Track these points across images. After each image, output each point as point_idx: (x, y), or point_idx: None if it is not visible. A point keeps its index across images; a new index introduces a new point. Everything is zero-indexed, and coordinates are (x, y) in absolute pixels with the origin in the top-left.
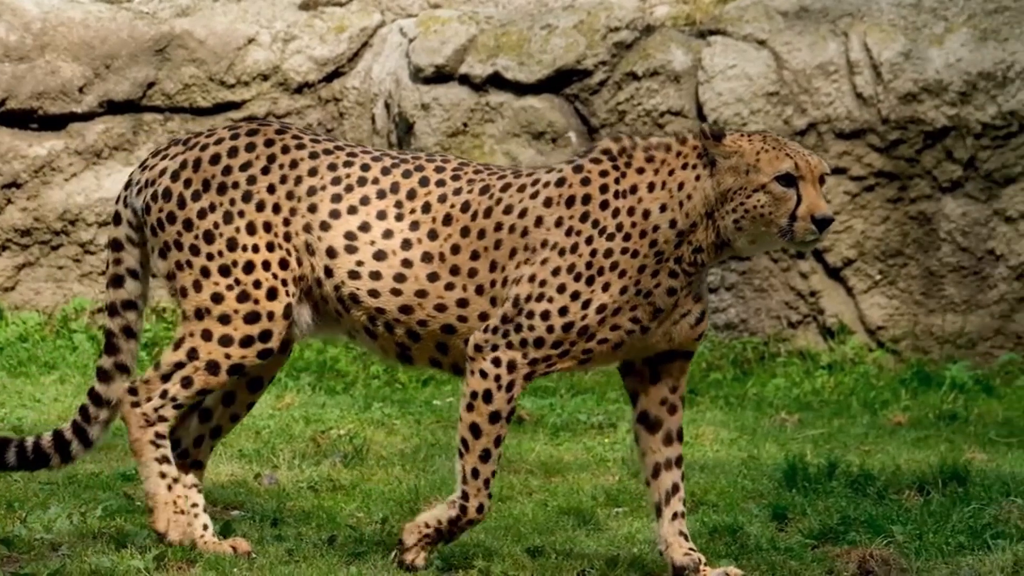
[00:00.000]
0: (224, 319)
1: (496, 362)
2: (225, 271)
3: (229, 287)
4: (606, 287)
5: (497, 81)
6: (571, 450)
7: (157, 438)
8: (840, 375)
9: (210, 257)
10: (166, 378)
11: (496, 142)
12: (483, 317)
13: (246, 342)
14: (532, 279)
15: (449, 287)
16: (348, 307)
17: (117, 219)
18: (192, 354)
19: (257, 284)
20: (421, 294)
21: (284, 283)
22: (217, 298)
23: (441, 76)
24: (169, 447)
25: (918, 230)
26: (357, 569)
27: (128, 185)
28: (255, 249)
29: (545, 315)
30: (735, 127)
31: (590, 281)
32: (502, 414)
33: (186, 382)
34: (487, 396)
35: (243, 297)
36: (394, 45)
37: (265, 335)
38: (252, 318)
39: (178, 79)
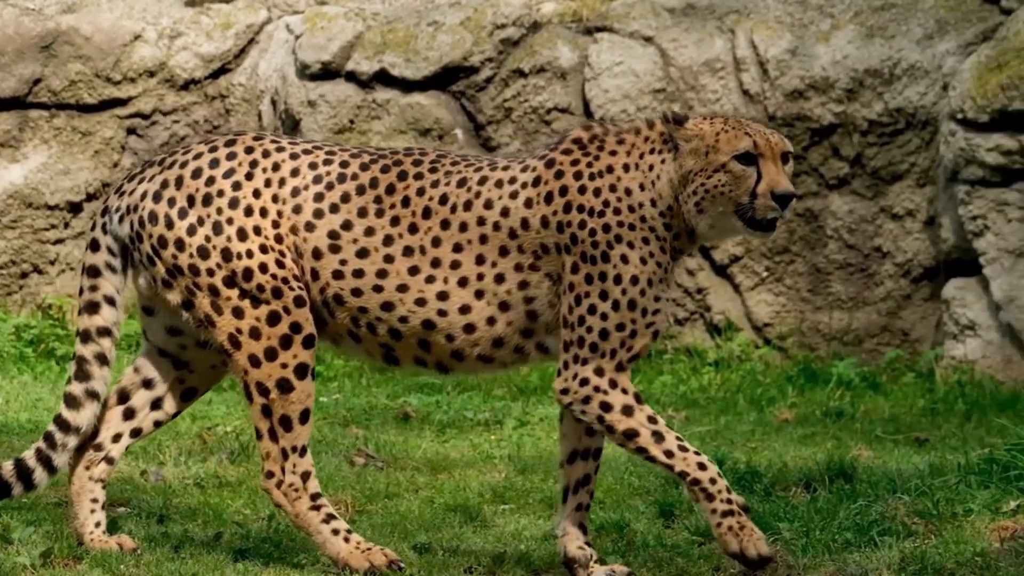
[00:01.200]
0: (255, 333)
1: (584, 383)
2: (230, 282)
3: (241, 296)
4: (624, 259)
5: (384, 78)
6: (457, 447)
7: (314, 500)
8: (727, 372)
9: (211, 272)
10: (272, 436)
11: (383, 139)
12: (464, 311)
13: (285, 342)
14: (566, 291)
15: (430, 280)
16: (333, 310)
17: (95, 246)
18: (262, 390)
19: (260, 288)
20: (402, 288)
21: (285, 280)
22: (239, 313)
23: (327, 73)
24: (328, 504)
25: (805, 227)
26: (244, 566)
27: (105, 212)
28: (249, 255)
29: (592, 310)
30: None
31: (606, 258)
32: (629, 404)
33: (286, 423)
34: (605, 407)
35: (256, 303)
36: (280, 42)
37: (295, 327)
38: (274, 318)
39: (64, 76)
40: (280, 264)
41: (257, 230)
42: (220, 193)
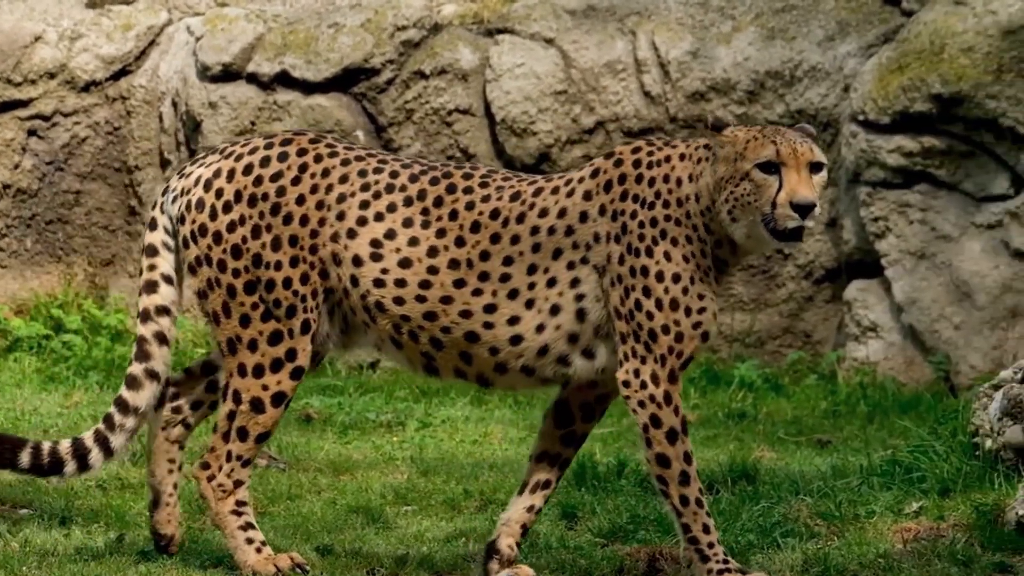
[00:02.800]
0: (252, 345)
1: (643, 385)
2: (250, 288)
3: (255, 306)
4: (667, 256)
5: (285, 80)
6: (360, 449)
7: (238, 506)
8: None
9: (236, 273)
10: (226, 437)
11: None
12: (512, 322)
13: (276, 366)
14: (613, 283)
15: (477, 293)
16: (375, 317)
17: (153, 224)
18: (236, 398)
19: (277, 303)
20: (446, 300)
21: (303, 299)
22: (245, 321)
23: (228, 75)
24: (251, 514)
25: None
26: (146, 568)
27: (165, 191)
28: (277, 266)
29: (638, 306)
30: (523, 125)
31: (649, 253)
32: (676, 430)
33: (242, 434)
34: (656, 421)
35: (266, 316)
36: (181, 43)
37: (291, 354)
38: (275, 338)
39: None
40: (305, 279)
41: (293, 240)
42: (264, 196)
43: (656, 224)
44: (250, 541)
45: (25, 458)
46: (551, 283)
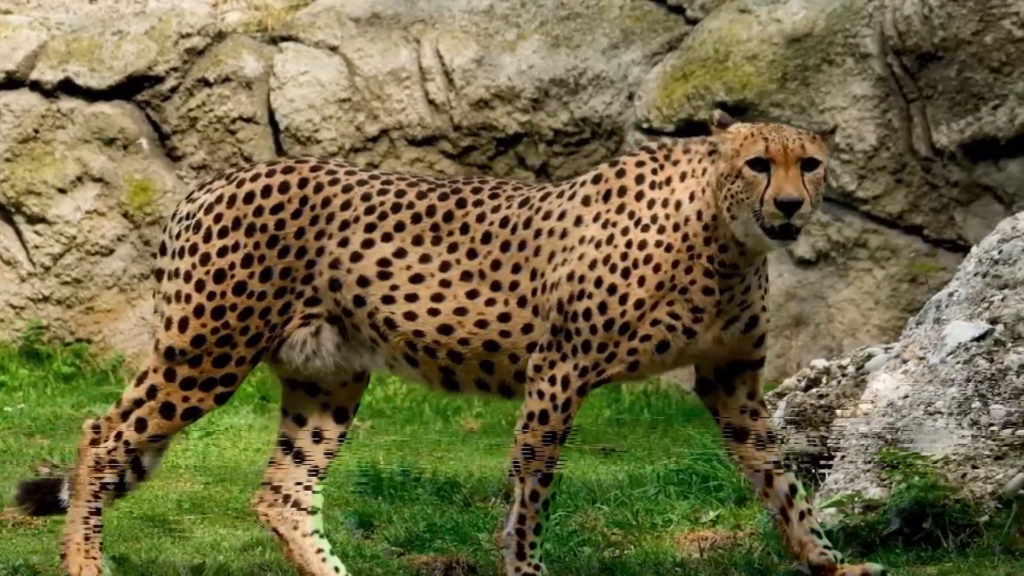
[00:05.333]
0: (195, 361)
1: (552, 380)
2: (218, 313)
3: (214, 330)
4: (641, 281)
5: (68, 87)
6: None
7: (101, 488)
8: (412, 382)
9: (211, 296)
10: (124, 416)
11: (67, 148)
12: (527, 330)
13: (207, 385)
14: (571, 277)
15: (490, 303)
16: (385, 334)
17: (163, 250)
18: (151, 392)
19: (245, 330)
20: (460, 312)
21: (272, 328)
22: (198, 341)
23: (12, 82)
24: (109, 503)
25: None
26: None
27: (175, 216)
28: (261, 296)
29: (587, 314)
30: (307, 133)
31: (626, 274)
32: (556, 434)
33: (140, 425)
34: (543, 417)
35: (224, 341)
36: None
37: (228, 378)
38: (222, 361)
39: None
40: (285, 309)
41: (286, 272)
42: (263, 228)
43: (644, 247)
44: (86, 521)
45: (66, 495)
46: (544, 288)
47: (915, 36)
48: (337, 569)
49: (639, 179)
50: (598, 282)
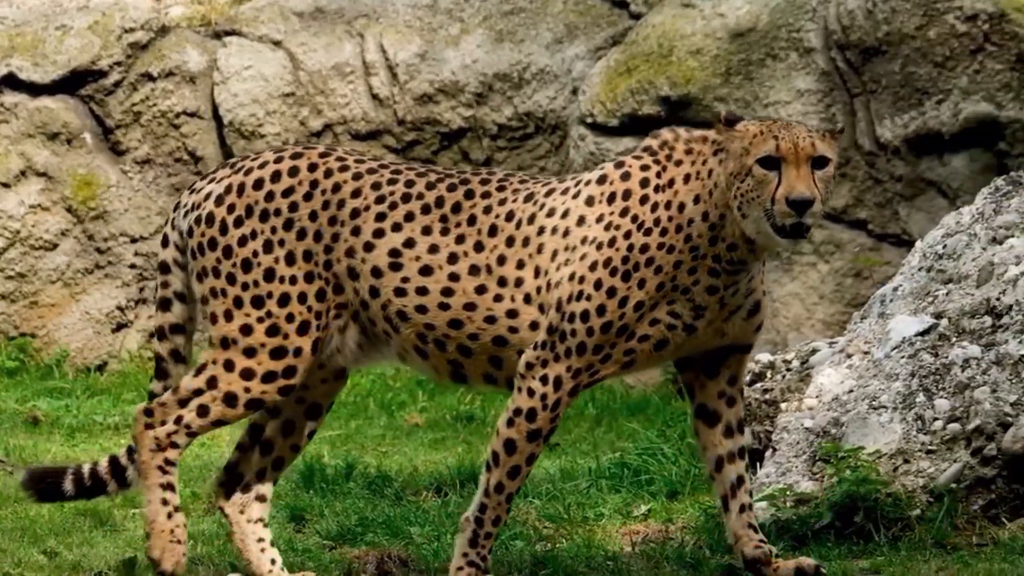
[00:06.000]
0: (249, 352)
1: (544, 380)
2: (258, 302)
3: (260, 319)
4: (642, 284)
5: (11, 82)
6: (87, 451)
7: (166, 464)
8: (357, 376)
9: (245, 287)
10: (183, 403)
11: (11, 143)
12: (534, 327)
13: (268, 377)
14: (572, 278)
15: (498, 299)
16: (397, 326)
17: (165, 241)
18: (212, 383)
19: (290, 318)
20: (470, 307)
21: (318, 316)
22: (246, 330)
23: None
24: (176, 475)
25: None
26: None
27: (176, 207)
28: (292, 280)
29: (584, 316)
30: (251, 128)
31: (626, 277)
32: (542, 432)
33: (202, 411)
34: (531, 415)
35: (273, 331)
36: None
37: (289, 371)
38: (279, 353)
39: None
40: (321, 295)
41: (307, 255)
42: (277, 212)
43: (646, 251)
44: (165, 503)
45: (69, 485)
46: (548, 286)
47: (859, 31)
48: (273, 561)
49: (644, 183)
50: (598, 284)
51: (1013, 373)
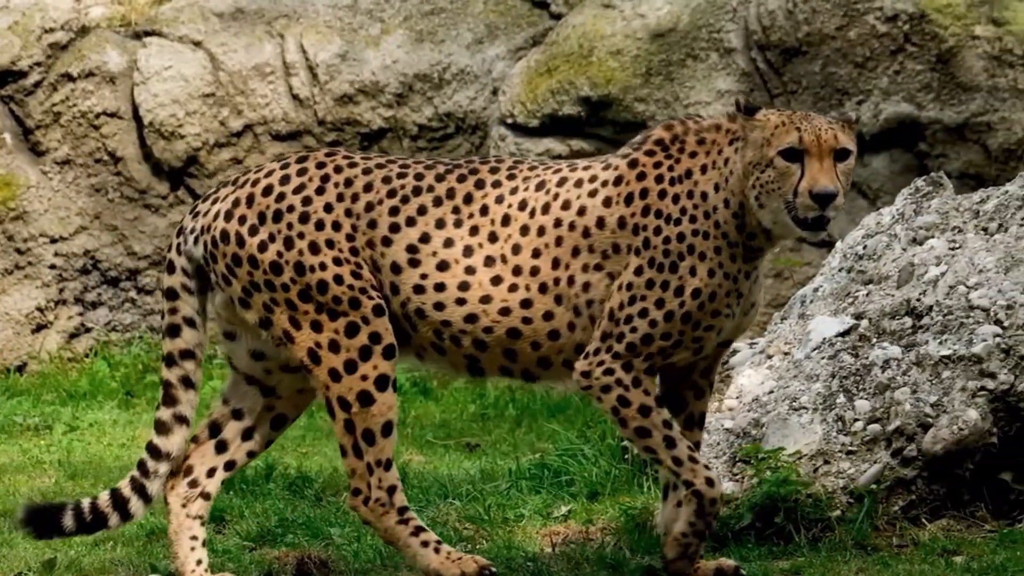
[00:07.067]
0: (334, 346)
1: (609, 372)
2: (306, 296)
3: (319, 309)
4: (693, 271)
5: None
6: (7, 453)
7: (400, 515)
8: None
9: (286, 287)
10: (357, 451)
11: None
12: (547, 317)
13: (365, 354)
14: (621, 287)
15: (512, 288)
16: (415, 324)
17: (171, 268)
18: (343, 404)
19: (337, 300)
20: (485, 300)
21: (362, 291)
22: (317, 327)
23: None
24: (416, 517)
25: None
26: None
27: (180, 232)
28: (322, 267)
29: (643, 314)
30: (171, 128)
31: (674, 268)
32: (648, 404)
33: (368, 437)
34: (623, 402)
35: (334, 315)
36: None
37: (374, 337)
38: (352, 330)
39: None
40: (356, 275)
41: (330, 243)
42: (290, 209)
43: (683, 239)
44: (426, 544)
45: (69, 521)
46: (570, 281)
47: (779, 31)
48: (199, 562)
49: (659, 179)
50: (649, 283)
51: (933, 374)
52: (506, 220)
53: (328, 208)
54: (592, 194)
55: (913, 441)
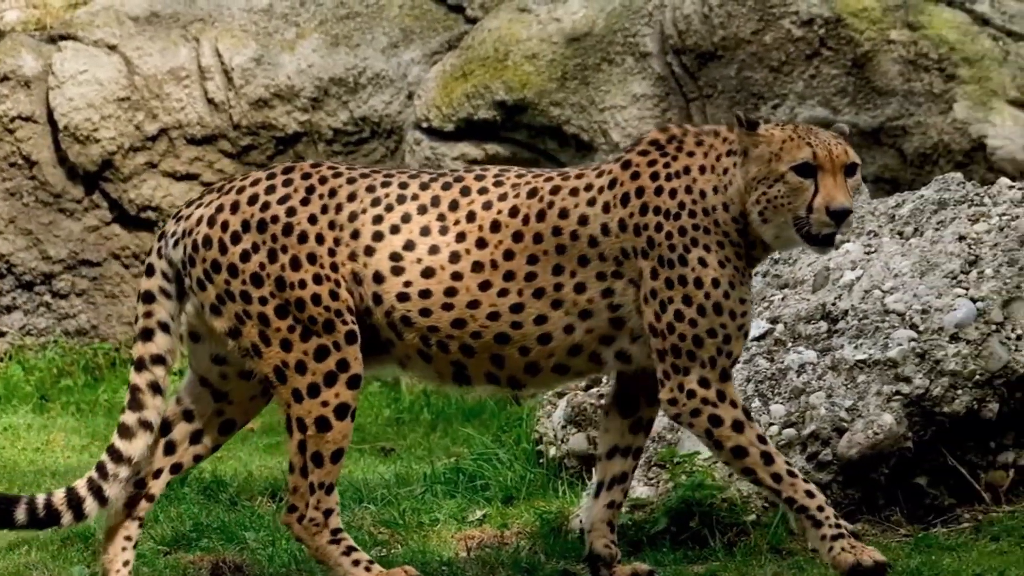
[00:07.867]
0: (300, 367)
1: (691, 395)
2: (282, 312)
3: (291, 328)
4: (703, 262)
5: None
6: None
7: (334, 535)
8: None
9: (263, 301)
10: (303, 472)
11: None
12: (539, 321)
13: (329, 380)
14: (647, 299)
15: (503, 293)
16: (401, 332)
17: (150, 271)
18: (300, 426)
19: (313, 320)
20: (473, 304)
21: (338, 313)
22: (287, 345)
23: None
24: (349, 539)
25: None
26: None
27: (162, 236)
28: (302, 285)
29: (679, 316)
30: (86, 132)
31: (684, 262)
32: (740, 420)
33: (317, 460)
34: (715, 421)
35: (306, 335)
36: None
37: (342, 364)
38: (321, 353)
39: None
40: (334, 295)
41: (312, 258)
42: (275, 219)
43: (685, 233)
44: (357, 563)
45: (21, 515)
46: (579, 288)
47: (695, 35)
48: (126, 563)
49: (654, 176)
50: (668, 283)
51: (848, 378)
52: (495, 226)
53: (312, 220)
54: (591, 202)
55: (828, 445)
